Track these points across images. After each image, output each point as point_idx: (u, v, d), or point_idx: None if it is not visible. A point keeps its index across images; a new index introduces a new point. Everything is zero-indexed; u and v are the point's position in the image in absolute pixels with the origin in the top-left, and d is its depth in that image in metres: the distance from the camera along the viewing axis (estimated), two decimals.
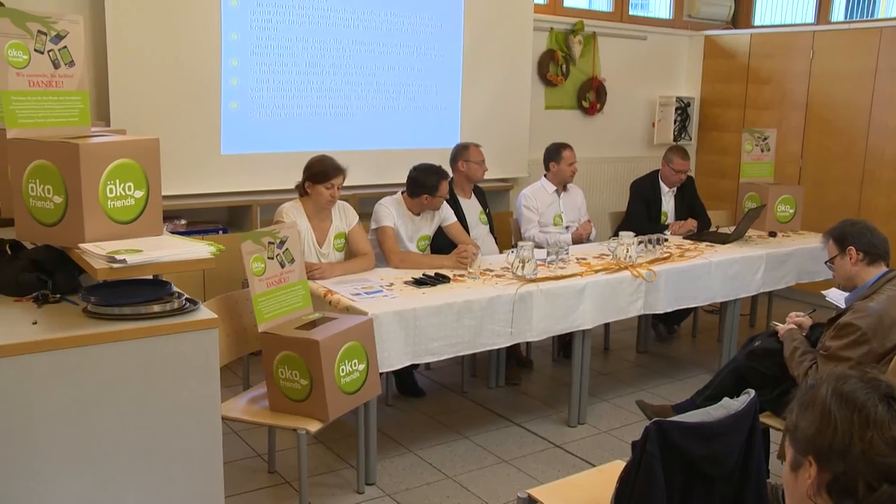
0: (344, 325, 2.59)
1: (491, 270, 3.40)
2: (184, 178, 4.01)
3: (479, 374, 4.00)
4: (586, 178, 5.45)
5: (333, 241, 3.35)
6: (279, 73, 4.21)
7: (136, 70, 3.82)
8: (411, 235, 3.63)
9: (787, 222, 4.47)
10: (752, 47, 5.52)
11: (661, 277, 3.54)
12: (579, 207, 4.29)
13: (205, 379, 1.98)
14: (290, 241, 2.70)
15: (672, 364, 4.26)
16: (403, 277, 3.25)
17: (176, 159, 3.90)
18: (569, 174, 4.18)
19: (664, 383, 3.96)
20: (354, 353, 2.58)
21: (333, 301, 2.93)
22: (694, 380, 3.96)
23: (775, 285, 4.03)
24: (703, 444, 1.71)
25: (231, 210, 4.38)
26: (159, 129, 3.78)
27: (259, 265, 2.58)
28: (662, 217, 4.43)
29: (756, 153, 4.59)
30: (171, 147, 3.89)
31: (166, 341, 1.93)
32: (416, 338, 2.88)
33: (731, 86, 5.67)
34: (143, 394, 1.92)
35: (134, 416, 1.92)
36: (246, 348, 2.80)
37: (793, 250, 4.06)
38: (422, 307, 2.89)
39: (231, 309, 2.75)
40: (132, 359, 1.90)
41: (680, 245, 4.05)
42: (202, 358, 1.97)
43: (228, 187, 4.20)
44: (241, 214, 4.27)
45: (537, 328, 3.18)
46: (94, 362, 1.86)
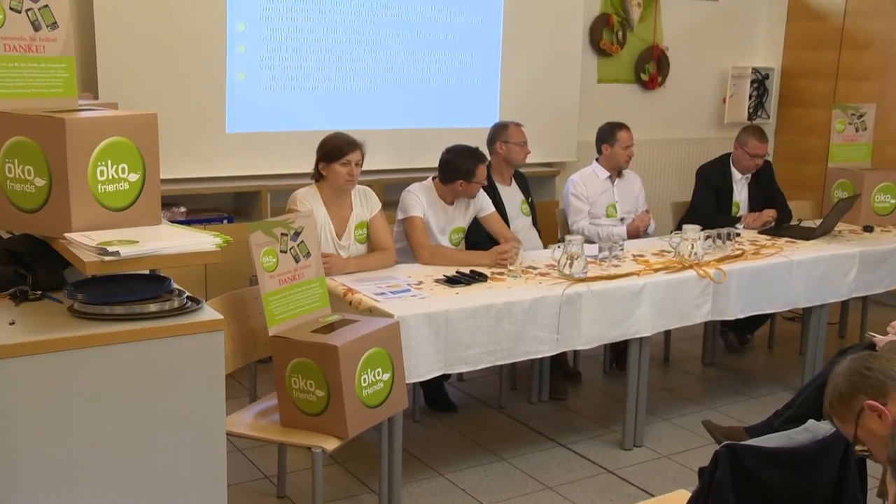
0: (366, 329, 2.59)
1: (534, 268, 3.41)
2: (183, 160, 4.03)
3: (520, 386, 4.00)
4: (645, 162, 5.39)
5: (354, 232, 3.35)
6: (293, 40, 4.20)
7: (128, 34, 3.82)
8: (443, 227, 3.63)
9: (888, 215, 4.34)
10: (849, 5, 5.29)
11: (731, 278, 3.50)
12: (636, 196, 4.25)
13: (208, 389, 1.97)
14: (306, 233, 2.69)
15: (744, 379, 4.22)
16: (434, 275, 3.25)
17: (174, 138, 3.92)
18: (624, 159, 4.16)
19: (735, 401, 3.92)
20: (378, 360, 2.58)
21: (354, 301, 2.93)
22: (770, 398, 3.91)
23: (871, 289, 3.93)
24: (785, 474, 1.68)
25: (237, 196, 4.40)
26: (155, 103, 3.79)
27: (270, 259, 2.58)
28: (734, 208, 4.37)
29: (849, 133, 4.46)
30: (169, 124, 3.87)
31: (165, 345, 1.92)
32: (448, 344, 2.90)
33: (821, 53, 5.46)
34: (136, 406, 1.91)
35: (126, 431, 1.91)
36: (254, 354, 2.81)
37: (894, 248, 3.97)
38: (455, 309, 2.90)
39: (237, 309, 2.75)
40: (125, 365, 1.89)
41: (755, 241, 4.00)
42: (205, 365, 1.96)
43: (234, 170, 4.22)
44: (249, 201, 4.29)
45: (587, 335, 3.19)
46: (81, 369, 1.85)
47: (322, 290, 2.74)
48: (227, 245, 1.96)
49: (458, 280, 3.18)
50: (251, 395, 2.99)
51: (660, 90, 5.48)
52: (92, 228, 1.97)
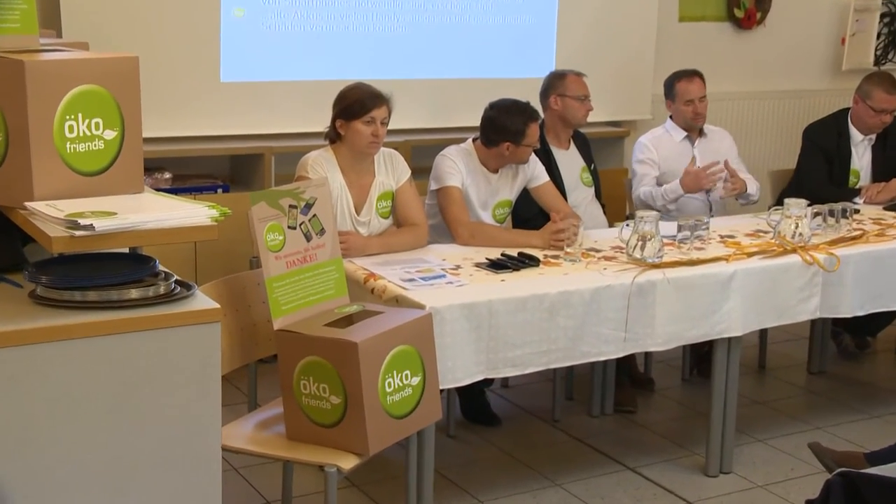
0: (392, 323, 2.59)
1: (597, 251, 3.41)
2: (169, 115, 4.04)
3: (578, 396, 3.99)
4: (737, 120, 5.33)
5: (377, 204, 3.36)
6: None
7: None
8: (486, 200, 3.63)
9: None
10: None
11: (847, 265, 3.44)
12: (724, 157, 4.19)
13: (200, 394, 1.97)
14: (320, 205, 2.70)
15: (863, 393, 4.16)
16: (475, 258, 3.26)
17: (158, 87, 3.92)
18: (689, 115, 4.14)
19: (851, 420, 3.88)
20: (406, 361, 2.58)
21: (378, 289, 2.93)
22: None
23: None
24: None
25: (235, 160, 4.42)
26: (133, 43, 3.79)
27: (276, 237, 2.59)
28: (852, 178, 4.32)
29: None
30: (152, 70, 3.81)
31: (147, 340, 1.92)
32: (491, 343, 2.90)
33: None
34: (112, 415, 1.92)
35: (98, 445, 1.92)
36: (254, 352, 2.81)
37: None
38: (500, 300, 2.90)
39: (235, 297, 2.76)
40: (98, 364, 1.90)
41: (878, 219, 3.93)
42: (197, 364, 1.96)
43: (231, 128, 4.23)
44: (250, 166, 4.31)
45: (662, 334, 3.18)
46: (44, 369, 1.85)
47: (339, 274, 2.74)
48: (225, 219, 1.96)
49: (503, 264, 3.18)
50: (250, 401, 3.00)
51: (758, 30, 5.39)
52: (59, 197, 1.97)
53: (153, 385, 1.94)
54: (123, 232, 1.87)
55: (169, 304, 1.97)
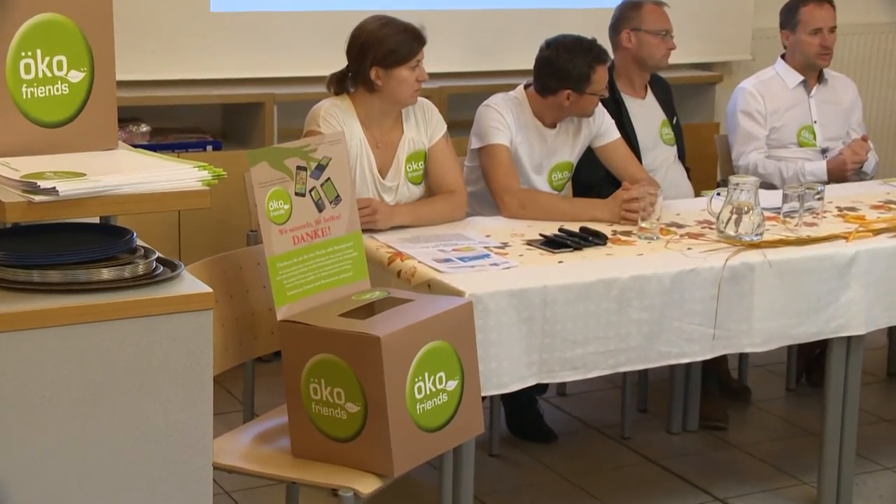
0: (423, 314, 2.59)
1: (680, 226, 3.40)
2: (149, 54, 4.06)
3: (654, 407, 3.99)
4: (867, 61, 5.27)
5: (406, 167, 3.36)
6: None
7: None
8: (540, 162, 3.62)
9: None
10: None
11: None
12: (848, 113, 4.17)
13: (187, 399, 1.98)
14: (335, 167, 2.69)
15: None
16: (525, 234, 3.26)
17: (135, 19, 3.94)
18: (815, 50, 4.11)
19: None
20: (440, 361, 2.58)
21: (406, 271, 2.94)
22: None
23: None
24: None
25: (229, 110, 4.43)
26: None
27: (280, 206, 2.58)
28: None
29: None
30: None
31: (122, 332, 1.93)
32: (545, 340, 2.90)
33: None
34: (78, 423, 1.93)
35: (63, 461, 1.93)
36: (252, 349, 2.82)
37: None
38: (557, 286, 2.90)
39: (229, 280, 2.77)
40: (62, 361, 1.91)
41: None
42: (183, 363, 1.97)
43: (224, 70, 4.24)
44: (247, 118, 4.32)
45: (761, 331, 3.17)
46: None
47: (357, 253, 2.75)
48: (219, 182, 1.97)
49: (561, 242, 3.17)
50: (246, 409, 3.02)
51: None
52: (14, 153, 1.98)
53: (128, 388, 1.95)
54: (93, 197, 1.88)
55: (149, 287, 1.97)
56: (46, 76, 2.01)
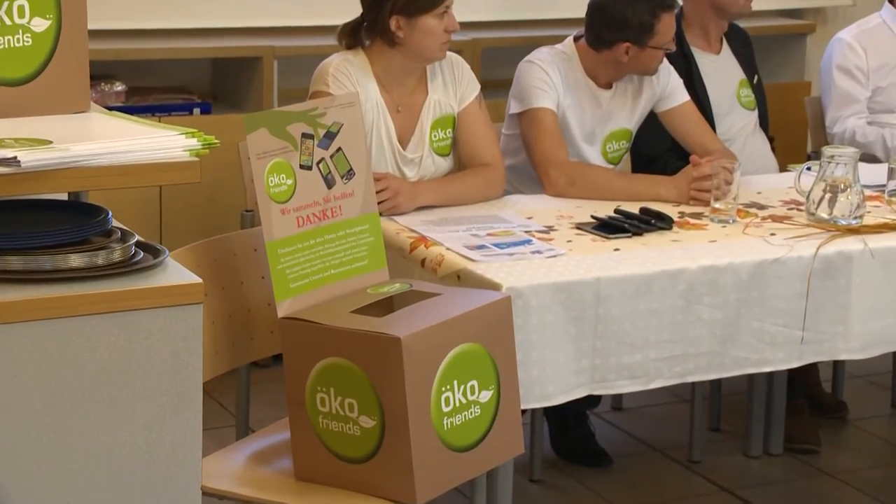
0: (452, 311, 2.58)
1: (761, 207, 3.42)
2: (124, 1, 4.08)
3: (729, 426, 3.99)
4: None
5: (431, 135, 3.37)
6: None
7: None
8: (593, 130, 3.62)
9: None
10: None
11: None
12: None
13: (171, 411, 1.98)
14: (347, 134, 2.68)
15: None
16: (575, 216, 3.27)
17: None
18: None
19: None
20: (472, 367, 2.57)
21: (431, 260, 2.95)
22: None
23: None
24: None
25: (220, 67, 4.44)
26: None
27: (282, 181, 2.58)
28: None
29: None
30: None
31: (94, 330, 1.93)
32: (598, 342, 2.90)
33: None
34: (43, 438, 1.93)
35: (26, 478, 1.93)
36: (247, 351, 2.82)
37: None
38: (613, 278, 2.91)
39: (221, 269, 2.76)
40: (23, 363, 1.91)
41: None
42: (167, 367, 1.97)
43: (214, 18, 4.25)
44: (241, 75, 4.33)
45: (861, 334, 3.16)
46: None
47: (374, 237, 2.74)
48: (211, 151, 1.97)
49: (618, 226, 3.17)
50: (240, 424, 3.02)
51: None
52: None
53: (101, 398, 1.95)
54: (61, 169, 1.88)
55: (126, 276, 1.97)
56: (5, 24, 2.01)
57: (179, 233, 3.74)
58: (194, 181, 1.97)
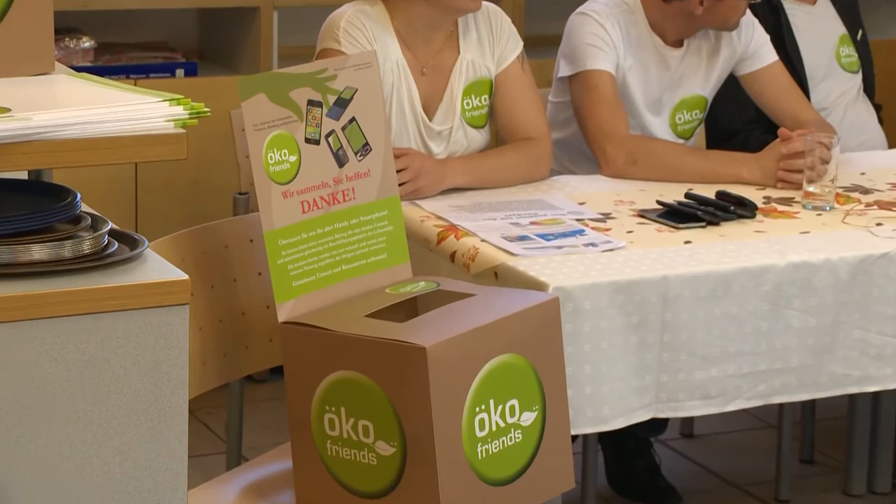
0: (487, 315, 2.59)
1: (866, 191, 3.46)
2: None
3: (824, 457, 4.01)
4: None
5: (463, 103, 3.39)
6: None
7: None
8: (659, 96, 3.65)
9: None
10: None
11: None
12: None
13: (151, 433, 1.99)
14: (363, 101, 2.69)
15: None
16: (637, 201, 3.30)
17: None
18: None
19: None
20: (512, 383, 2.58)
21: (463, 253, 2.97)
22: None
23: None
24: None
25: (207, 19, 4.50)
26: None
27: (284, 158, 2.59)
28: None
29: None
30: None
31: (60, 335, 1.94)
32: (664, 354, 2.93)
33: None
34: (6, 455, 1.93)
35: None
36: (240, 363, 2.84)
37: None
38: (682, 277, 2.94)
39: (208, 264, 2.78)
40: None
41: None
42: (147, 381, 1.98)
43: None
44: (233, 30, 4.37)
45: None
46: None
47: (395, 227, 2.75)
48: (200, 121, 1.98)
49: (689, 213, 3.18)
50: (231, 450, 3.06)
51: None
52: None
53: (68, 416, 1.96)
54: (21, 143, 1.88)
55: (98, 271, 1.98)
56: None
57: (160, 220, 3.78)
58: (179, 158, 1.97)
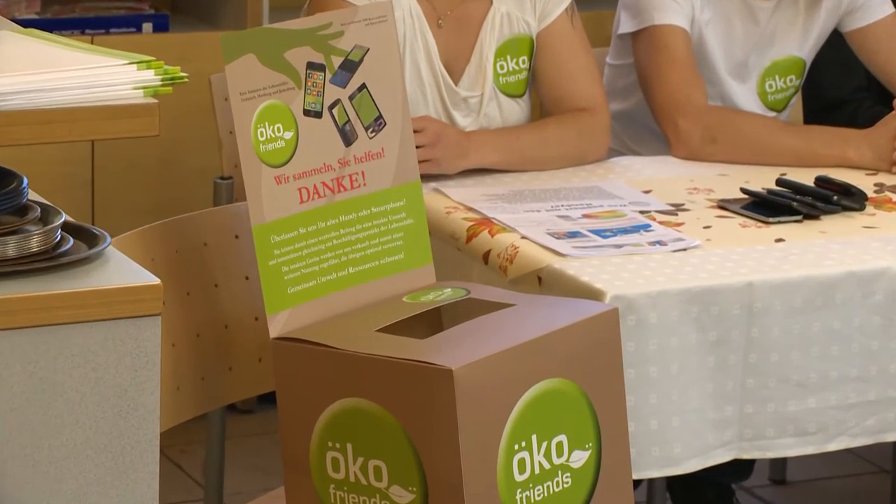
0: (528, 330, 2.59)
1: None
2: None
3: None
4: None
5: (496, 65, 3.42)
6: None
7: None
8: (744, 58, 3.69)
9: None
10: None
11: None
12: None
13: (113, 475, 2.01)
14: (376, 64, 2.71)
15: None
16: (716, 188, 3.33)
17: None
18: None
19: None
20: (560, 415, 2.60)
21: (499, 254, 2.98)
22: None
23: None
24: None
25: None
26: None
27: (277, 135, 2.61)
28: None
29: None
30: None
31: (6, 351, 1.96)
32: (749, 379, 2.94)
33: None
34: None
35: None
36: (222, 389, 2.87)
37: None
38: (771, 283, 2.95)
39: (183, 265, 2.80)
40: None
41: None
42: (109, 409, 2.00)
43: None
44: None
45: None
46: None
47: (415, 220, 2.77)
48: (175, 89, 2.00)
49: (782, 204, 3.20)
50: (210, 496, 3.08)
51: None
52: None
53: (13, 451, 1.98)
54: None
55: (50, 273, 2.00)
56: None
57: (123, 210, 3.80)
58: (150, 134, 2.00)
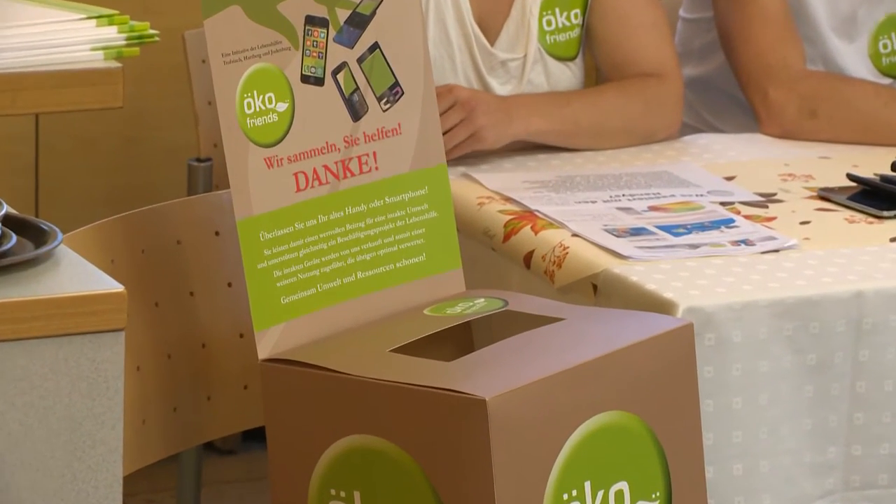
0: (580, 352, 2.65)
1: None
2: None
3: None
4: None
5: (541, 21, 3.46)
6: None
7: None
8: (852, 13, 3.71)
9: None
10: None
11: None
12: None
13: None
14: (390, 18, 2.76)
15: None
16: (816, 174, 3.36)
17: None
18: None
19: None
20: (619, 456, 2.65)
21: (544, 255, 3.03)
22: None
23: None
24: None
25: None
26: None
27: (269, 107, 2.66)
28: None
29: None
30: None
31: None
32: (857, 413, 2.98)
33: None
34: None
35: None
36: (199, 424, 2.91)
37: None
38: (882, 292, 3.02)
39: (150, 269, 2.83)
40: None
41: None
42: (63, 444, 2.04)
43: None
44: None
45: None
46: None
47: (440, 213, 2.83)
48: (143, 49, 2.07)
49: (892, 193, 3.24)
50: None
51: None
52: None
53: None
54: None
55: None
56: None
57: (75, 200, 3.82)
58: (113, 106, 2.04)
